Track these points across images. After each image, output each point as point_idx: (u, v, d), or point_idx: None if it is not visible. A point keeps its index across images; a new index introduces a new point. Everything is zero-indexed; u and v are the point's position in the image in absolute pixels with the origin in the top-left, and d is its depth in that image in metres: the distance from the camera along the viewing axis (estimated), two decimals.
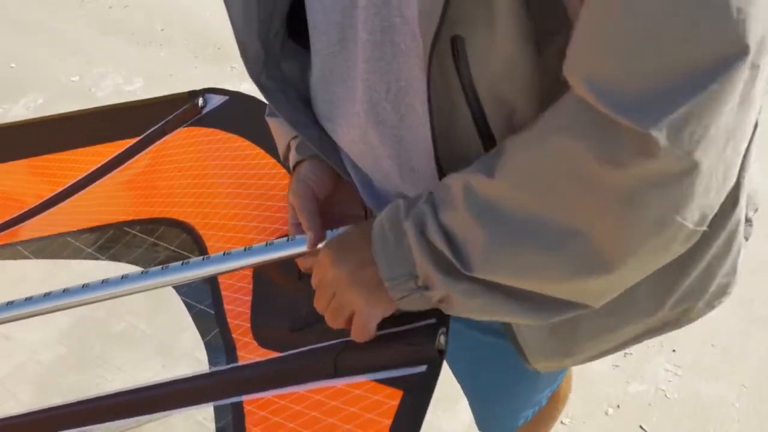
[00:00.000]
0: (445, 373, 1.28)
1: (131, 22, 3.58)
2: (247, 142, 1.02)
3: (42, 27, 3.55)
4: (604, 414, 1.86)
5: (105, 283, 0.80)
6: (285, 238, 0.74)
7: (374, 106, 0.66)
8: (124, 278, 0.79)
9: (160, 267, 0.78)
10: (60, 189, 1.27)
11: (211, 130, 1.09)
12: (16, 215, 1.30)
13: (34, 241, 1.23)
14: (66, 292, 0.82)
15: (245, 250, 0.74)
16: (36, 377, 1.93)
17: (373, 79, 0.64)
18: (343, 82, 0.68)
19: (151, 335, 2.01)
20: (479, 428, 1.28)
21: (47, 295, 0.84)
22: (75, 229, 1.19)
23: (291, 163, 0.80)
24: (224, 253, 0.75)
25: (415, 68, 0.60)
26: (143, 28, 3.53)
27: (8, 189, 1.36)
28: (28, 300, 0.86)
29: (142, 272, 0.79)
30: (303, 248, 0.73)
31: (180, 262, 0.77)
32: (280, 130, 0.82)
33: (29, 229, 1.26)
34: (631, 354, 1.97)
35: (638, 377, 1.93)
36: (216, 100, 1.12)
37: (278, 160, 0.94)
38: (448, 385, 1.50)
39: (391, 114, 0.65)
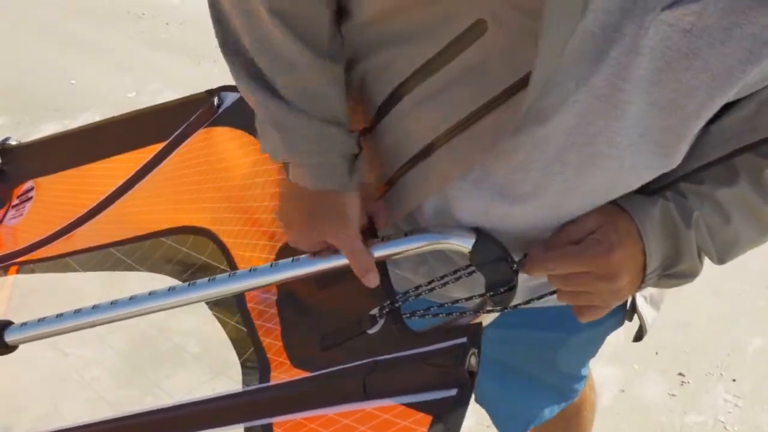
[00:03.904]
0: None
1: (186, 38, 3.66)
2: (252, 138, 0.98)
3: (101, 44, 3.65)
4: None
5: (133, 299, 0.80)
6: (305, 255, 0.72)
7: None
8: (152, 294, 0.78)
9: (187, 284, 0.76)
10: (102, 197, 1.28)
11: (225, 129, 1.06)
12: (64, 225, 1.31)
13: (80, 253, 1.24)
14: (114, 304, 0.82)
15: (271, 266, 0.72)
16: (88, 392, 1.94)
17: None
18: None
19: (201, 355, 2.01)
20: (499, 429, 1.23)
21: (96, 308, 0.83)
22: (116, 240, 1.19)
23: (323, 186, 0.70)
24: (251, 270, 0.73)
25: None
26: (198, 44, 3.59)
27: (57, 200, 1.38)
28: (78, 312, 0.85)
29: (168, 288, 0.77)
30: (340, 262, 0.70)
31: (207, 279, 0.76)
32: (294, 142, 0.69)
33: (77, 240, 1.26)
34: (688, 383, 1.88)
35: (696, 407, 1.84)
36: (231, 98, 1.08)
37: None
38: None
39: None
